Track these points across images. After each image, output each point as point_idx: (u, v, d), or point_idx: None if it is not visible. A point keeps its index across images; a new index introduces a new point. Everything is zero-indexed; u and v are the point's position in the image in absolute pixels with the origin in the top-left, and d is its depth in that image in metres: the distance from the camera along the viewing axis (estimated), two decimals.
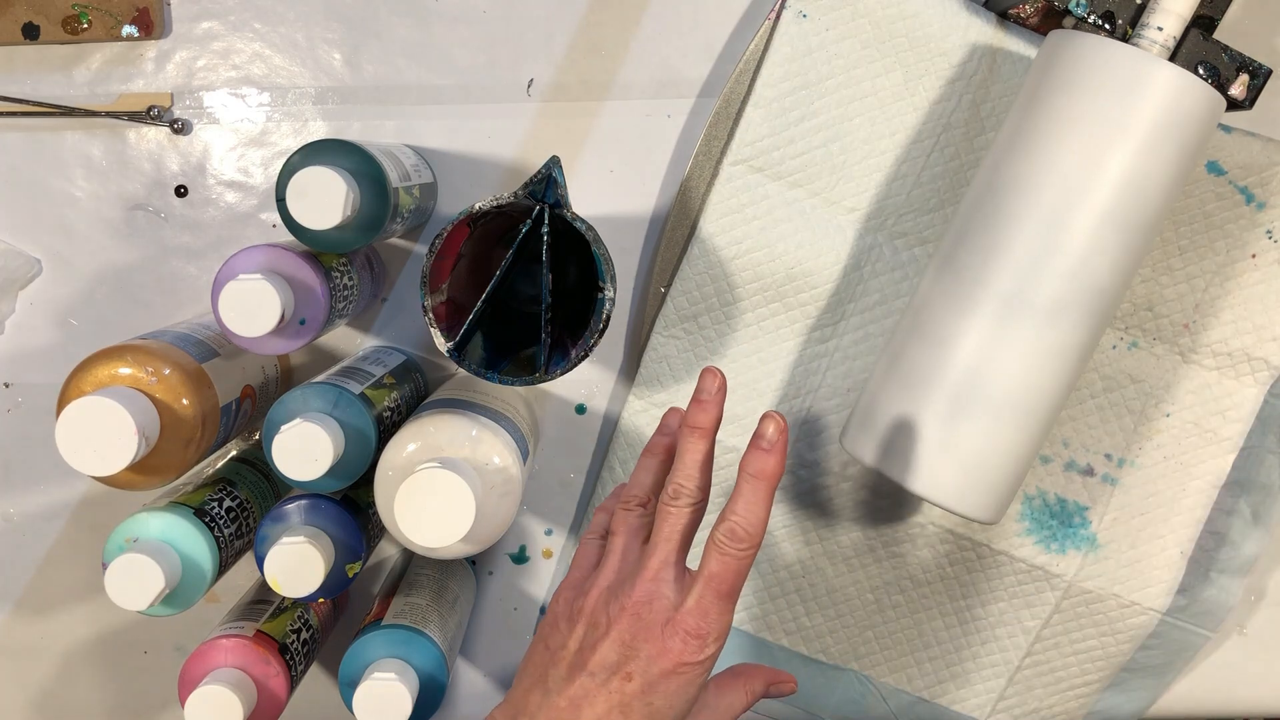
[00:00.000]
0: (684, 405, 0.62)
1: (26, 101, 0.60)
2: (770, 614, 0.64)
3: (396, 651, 0.52)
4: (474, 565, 0.65)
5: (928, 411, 0.52)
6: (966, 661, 0.64)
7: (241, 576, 0.61)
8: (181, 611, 0.50)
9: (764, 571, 0.64)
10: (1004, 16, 0.59)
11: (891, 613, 0.64)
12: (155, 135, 0.61)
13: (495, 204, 0.46)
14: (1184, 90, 0.49)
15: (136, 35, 0.59)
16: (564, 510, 0.65)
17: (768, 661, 0.65)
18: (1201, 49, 0.54)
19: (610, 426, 0.64)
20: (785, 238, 0.60)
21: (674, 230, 0.61)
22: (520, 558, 0.65)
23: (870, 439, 0.54)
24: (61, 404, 0.47)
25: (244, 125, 0.62)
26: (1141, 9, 0.55)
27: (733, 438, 0.62)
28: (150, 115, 0.61)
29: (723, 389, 0.44)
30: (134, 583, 0.47)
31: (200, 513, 0.51)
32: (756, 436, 0.43)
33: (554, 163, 0.46)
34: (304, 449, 0.47)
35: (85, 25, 0.59)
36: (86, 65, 0.61)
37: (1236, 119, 0.59)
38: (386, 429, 0.52)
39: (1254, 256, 0.60)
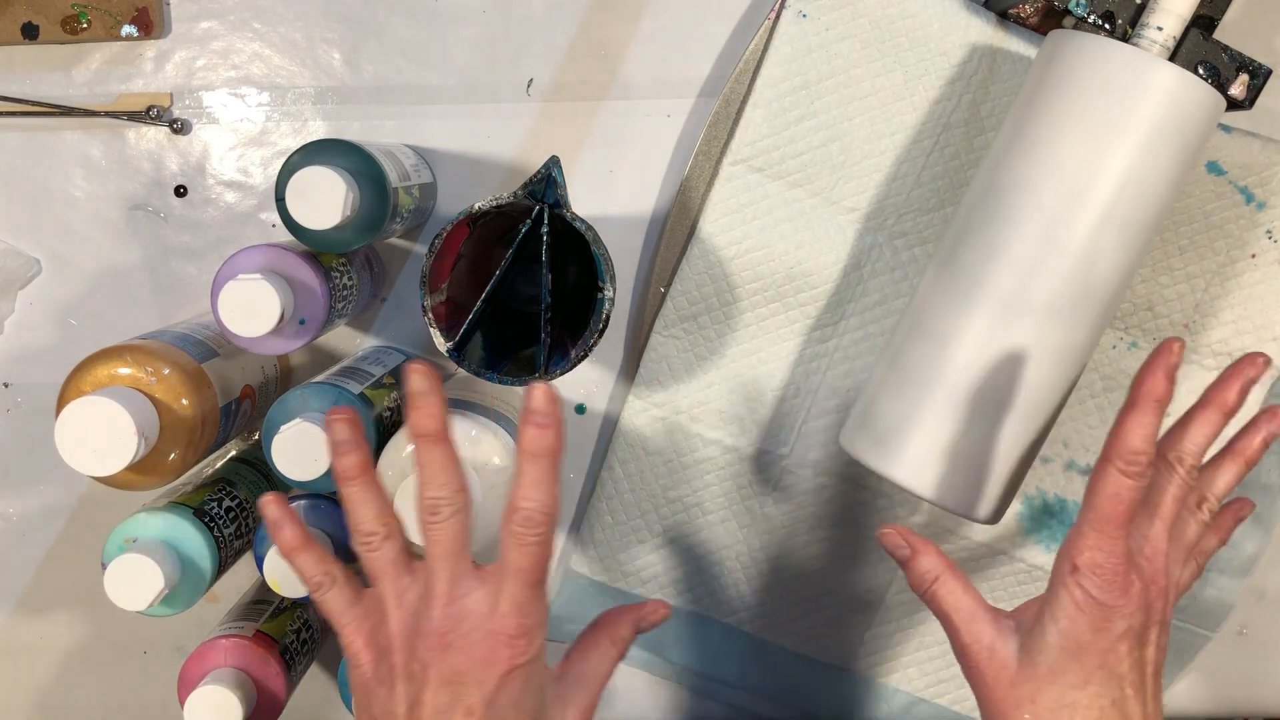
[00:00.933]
0: (682, 405, 0.62)
1: (26, 101, 0.60)
2: (770, 614, 0.64)
3: None
4: None
5: (927, 411, 0.52)
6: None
7: (241, 576, 0.61)
8: (181, 611, 0.50)
9: (764, 571, 0.64)
10: (1004, 16, 0.59)
11: (891, 612, 0.64)
12: (155, 135, 0.61)
13: (495, 204, 0.46)
14: (1184, 90, 0.49)
15: (136, 35, 0.59)
16: (564, 510, 0.65)
17: (767, 662, 0.65)
18: (1201, 49, 0.54)
19: (610, 426, 0.64)
20: (785, 237, 0.60)
21: (674, 230, 0.61)
22: None
23: (870, 439, 0.54)
24: (61, 404, 0.47)
25: (243, 125, 0.62)
26: (1141, 9, 0.55)
27: (731, 438, 0.62)
28: (150, 115, 0.61)
29: (437, 384, 0.42)
30: (134, 583, 0.47)
31: (200, 513, 0.51)
32: (528, 412, 0.40)
33: (554, 163, 0.46)
34: (304, 449, 0.48)
35: (85, 25, 0.59)
36: (86, 65, 0.61)
37: (1236, 119, 0.59)
38: (386, 429, 0.52)
39: (1254, 256, 0.60)
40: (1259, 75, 0.55)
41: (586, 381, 0.64)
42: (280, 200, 0.49)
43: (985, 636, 0.45)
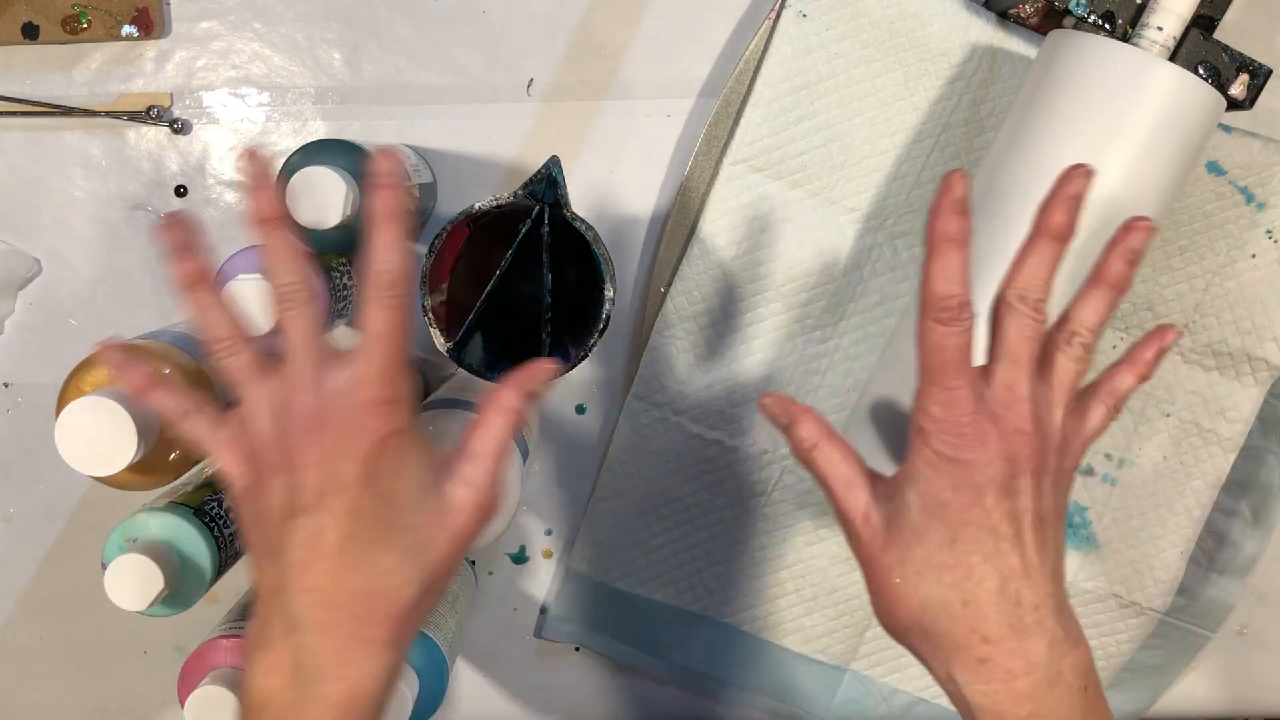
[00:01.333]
0: (682, 405, 0.62)
1: (26, 101, 0.60)
2: (770, 614, 0.64)
3: None
4: (474, 565, 0.65)
5: None
6: None
7: (241, 576, 0.61)
8: (181, 612, 0.50)
9: (764, 571, 0.64)
10: (1004, 16, 0.59)
11: None
12: (155, 135, 0.61)
13: (495, 204, 0.46)
14: (1184, 90, 0.49)
15: (136, 35, 0.59)
16: (564, 510, 0.65)
17: (767, 662, 0.65)
18: (1201, 49, 0.54)
19: (610, 426, 0.64)
20: (785, 237, 0.60)
21: (674, 230, 0.61)
22: (520, 558, 0.65)
23: (870, 439, 0.54)
24: (61, 404, 0.47)
25: (243, 125, 0.62)
26: (1141, 9, 0.55)
27: (732, 437, 0.62)
28: (150, 115, 0.61)
29: (265, 170, 0.41)
30: (134, 583, 0.47)
31: (200, 513, 0.51)
32: (372, 175, 0.40)
33: (554, 163, 0.46)
34: None
35: (85, 25, 0.59)
36: (86, 65, 0.61)
37: (1236, 119, 0.59)
38: None
39: (1254, 256, 0.60)
40: (1259, 75, 0.55)
41: (586, 381, 0.64)
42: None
43: (860, 503, 0.43)
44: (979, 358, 0.42)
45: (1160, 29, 0.53)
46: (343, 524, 0.38)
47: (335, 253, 0.54)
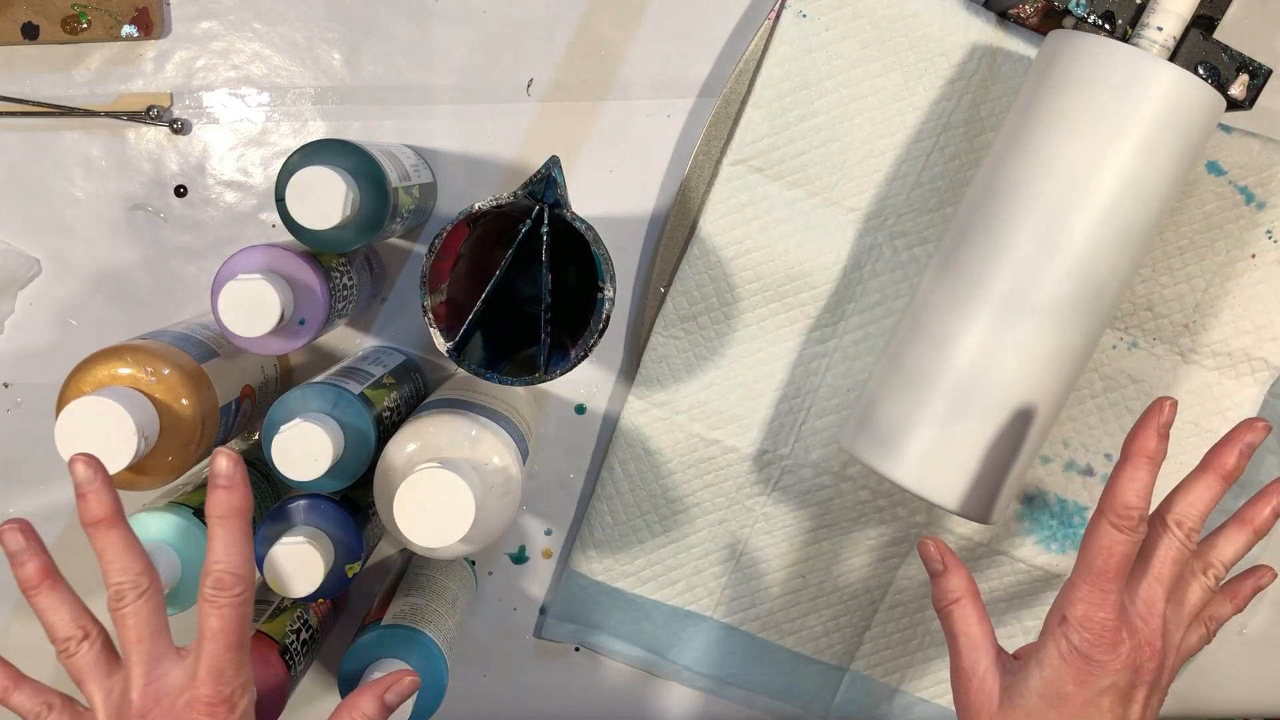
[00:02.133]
0: (682, 405, 0.62)
1: (26, 101, 0.60)
2: (770, 614, 0.64)
3: (396, 651, 0.52)
4: (474, 565, 0.65)
5: (927, 411, 0.52)
6: None
7: None
8: (181, 611, 0.50)
9: (764, 571, 0.64)
10: (1004, 16, 0.59)
11: (891, 613, 0.64)
12: (155, 135, 0.61)
13: (495, 204, 0.46)
14: (1184, 90, 0.49)
15: (136, 35, 0.59)
16: (564, 510, 0.65)
17: (766, 662, 0.65)
18: (1201, 49, 0.54)
19: (610, 426, 0.64)
20: (785, 237, 0.60)
21: (674, 230, 0.61)
22: (520, 558, 0.65)
23: (870, 439, 0.54)
24: (61, 404, 0.47)
25: (243, 125, 0.62)
26: (1141, 9, 0.55)
27: (732, 437, 0.62)
28: (150, 115, 0.61)
29: (97, 471, 0.42)
30: None
31: (200, 513, 0.51)
32: (212, 475, 0.41)
33: (554, 163, 0.46)
34: (304, 449, 0.47)
35: (85, 25, 0.59)
36: (86, 65, 0.61)
37: (1236, 119, 0.59)
38: (386, 429, 0.52)
39: (1254, 256, 0.60)
40: (1259, 75, 0.55)
41: (586, 381, 0.64)
42: (280, 200, 0.49)
43: (981, 667, 0.46)
44: (987, 363, 0.43)
45: (1160, 29, 0.53)
46: None
47: (335, 253, 0.54)
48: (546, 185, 0.46)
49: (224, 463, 0.41)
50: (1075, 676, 0.43)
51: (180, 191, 0.62)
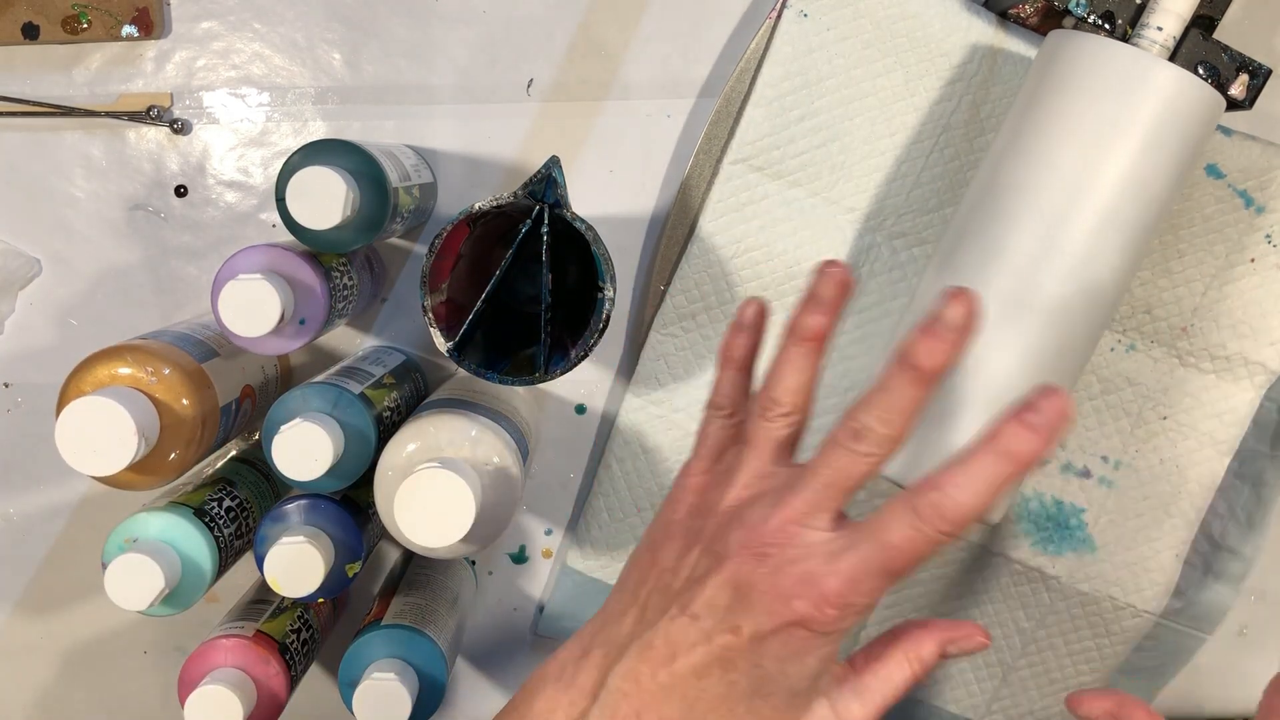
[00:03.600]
0: (680, 404, 0.62)
1: (26, 101, 0.60)
2: None
3: (396, 651, 0.52)
4: (474, 565, 0.65)
5: (927, 411, 0.52)
6: (961, 662, 0.65)
7: (241, 576, 0.61)
8: (181, 611, 0.50)
9: None
10: (1004, 16, 0.59)
11: (886, 613, 0.64)
12: (155, 135, 0.61)
13: (495, 204, 0.46)
14: (1184, 90, 0.49)
15: (136, 35, 0.59)
16: (564, 510, 0.65)
17: None
18: (1201, 49, 0.54)
19: (609, 425, 0.64)
20: (784, 237, 0.60)
21: (674, 229, 0.61)
22: (520, 558, 0.65)
23: None
24: (61, 404, 0.47)
25: (244, 125, 0.62)
26: (1141, 9, 0.55)
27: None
28: (150, 115, 0.61)
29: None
30: (134, 583, 0.47)
31: (200, 513, 0.51)
32: (935, 324, 0.34)
33: (554, 163, 0.46)
34: (304, 449, 0.48)
35: (85, 25, 0.59)
36: (86, 65, 0.61)
37: (1236, 121, 0.59)
38: (386, 429, 0.52)
39: (1252, 260, 0.60)
40: (1259, 75, 0.55)
41: (586, 381, 0.64)
42: (280, 200, 0.49)
43: None
44: (985, 363, 0.40)
45: (1160, 29, 0.53)
46: (705, 659, 0.36)
47: (335, 253, 0.54)
48: (546, 185, 0.46)
49: (957, 307, 0.34)
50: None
51: (180, 191, 0.62)
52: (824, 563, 0.34)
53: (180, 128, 0.61)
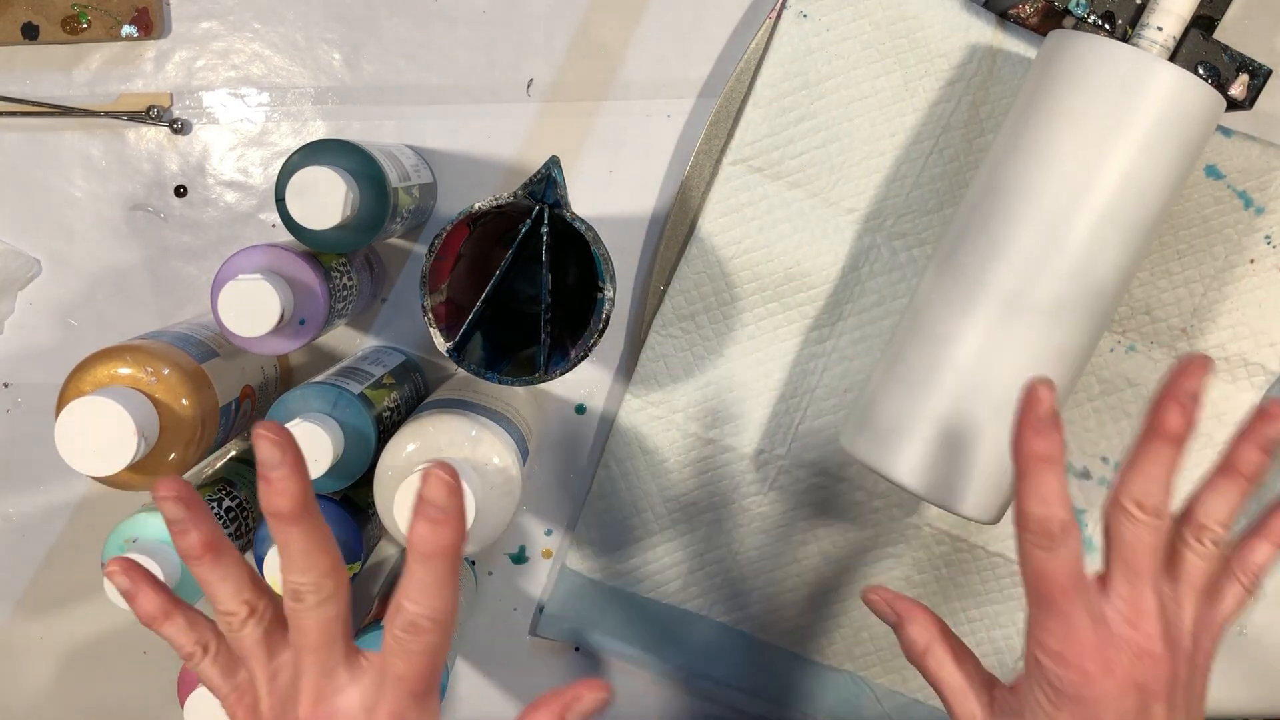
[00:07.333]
0: (679, 404, 0.62)
1: (26, 101, 0.60)
2: (765, 614, 0.64)
3: None
4: (474, 565, 0.65)
5: (927, 411, 0.52)
6: None
7: None
8: None
9: (760, 571, 0.64)
10: (1004, 17, 0.59)
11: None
12: (155, 135, 0.61)
13: (495, 204, 0.46)
14: (1184, 90, 0.49)
15: (136, 35, 0.59)
16: (564, 510, 0.65)
17: (762, 661, 0.65)
18: (1201, 49, 0.54)
19: (608, 426, 0.64)
20: (784, 238, 0.60)
21: (673, 230, 0.61)
22: (520, 558, 0.65)
23: (869, 439, 0.54)
24: (61, 404, 0.47)
25: (243, 125, 0.62)
26: (1141, 9, 0.55)
27: (729, 437, 0.62)
28: (150, 115, 0.61)
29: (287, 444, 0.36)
30: None
31: None
32: (420, 502, 0.34)
33: (553, 163, 0.46)
34: (304, 449, 0.47)
35: (85, 25, 0.59)
36: (86, 65, 0.61)
37: (1236, 122, 0.59)
38: (386, 429, 0.52)
39: (1252, 261, 0.60)
40: (1259, 75, 0.55)
41: (586, 381, 0.64)
42: (280, 200, 0.49)
43: (978, 715, 0.41)
44: (986, 363, 0.41)
45: (1160, 29, 0.53)
46: None
47: (335, 253, 0.54)
48: (546, 185, 0.46)
49: (439, 491, 0.34)
50: (1074, 717, 0.37)
51: (180, 191, 0.62)
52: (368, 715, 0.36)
53: (180, 128, 0.61)
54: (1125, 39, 0.55)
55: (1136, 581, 0.38)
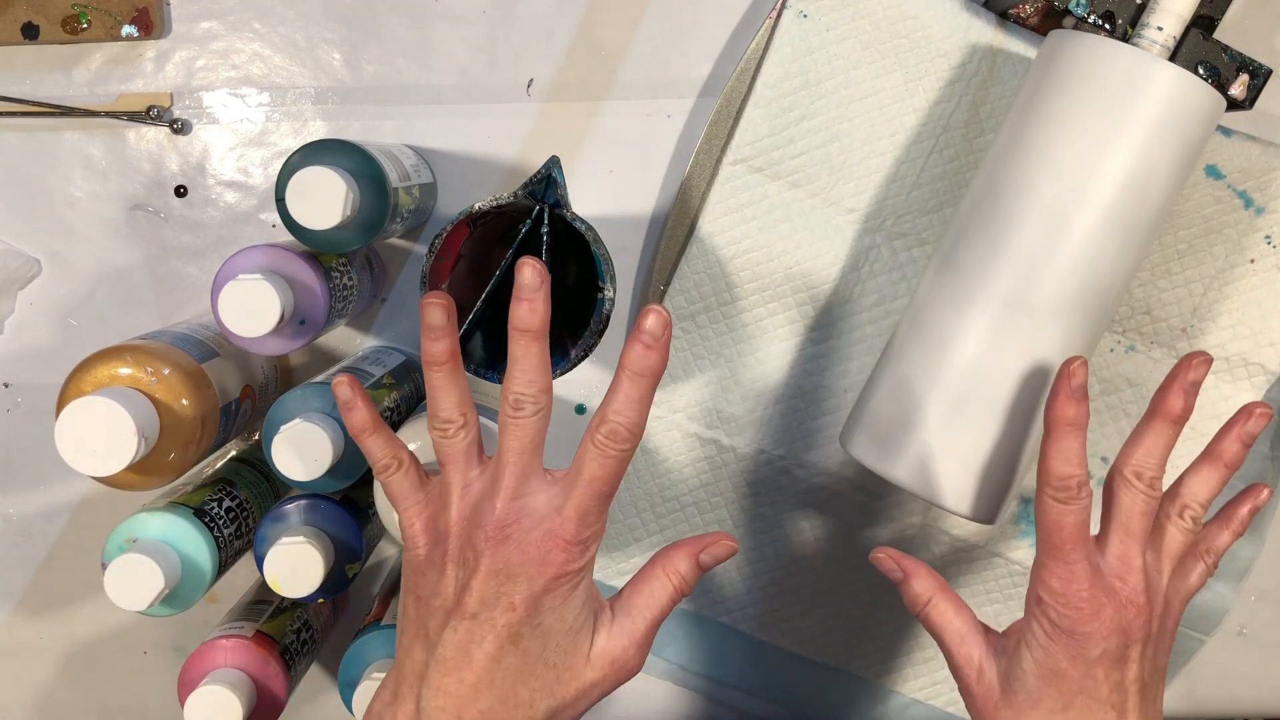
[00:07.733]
0: (679, 404, 0.62)
1: (26, 101, 0.60)
2: (766, 614, 0.64)
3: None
4: None
5: (927, 411, 0.52)
6: None
7: (241, 576, 0.61)
8: (181, 612, 0.50)
9: (759, 570, 0.64)
10: (1004, 17, 0.59)
11: (887, 614, 0.64)
12: (155, 135, 0.61)
13: (495, 204, 0.46)
14: (1184, 90, 0.49)
15: (136, 35, 0.59)
16: None
17: (762, 662, 0.65)
18: (1201, 49, 0.54)
19: None
20: (784, 238, 0.60)
21: (673, 230, 0.61)
22: None
23: (869, 439, 0.54)
24: (61, 404, 0.47)
25: (244, 125, 0.62)
26: (1141, 9, 0.55)
27: (729, 437, 0.62)
28: (150, 115, 0.61)
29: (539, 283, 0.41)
30: (134, 583, 0.47)
31: (200, 513, 0.51)
32: (638, 330, 0.40)
33: (554, 163, 0.46)
34: (304, 449, 0.48)
35: (85, 25, 0.59)
36: (86, 65, 0.61)
37: (1236, 122, 0.59)
38: None
39: (1252, 261, 0.60)
40: (1259, 75, 0.55)
41: (586, 381, 0.64)
42: (280, 200, 0.49)
43: (975, 657, 0.46)
44: (986, 363, 0.43)
45: (1160, 29, 0.53)
46: (496, 644, 0.40)
47: (335, 253, 0.54)
48: (546, 185, 0.46)
49: (654, 323, 0.40)
50: (1065, 653, 0.43)
51: (180, 191, 0.62)
52: (554, 516, 0.41)
53: (180, 128, 0.61)
54: (1125, 39, 0.55)
55: (1129, 541, 0.45)
